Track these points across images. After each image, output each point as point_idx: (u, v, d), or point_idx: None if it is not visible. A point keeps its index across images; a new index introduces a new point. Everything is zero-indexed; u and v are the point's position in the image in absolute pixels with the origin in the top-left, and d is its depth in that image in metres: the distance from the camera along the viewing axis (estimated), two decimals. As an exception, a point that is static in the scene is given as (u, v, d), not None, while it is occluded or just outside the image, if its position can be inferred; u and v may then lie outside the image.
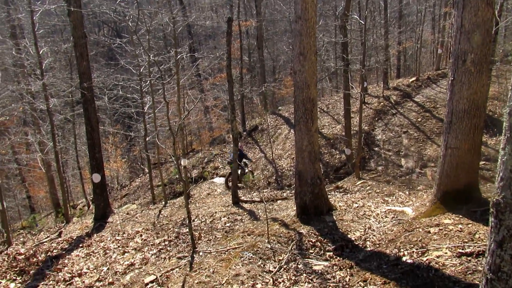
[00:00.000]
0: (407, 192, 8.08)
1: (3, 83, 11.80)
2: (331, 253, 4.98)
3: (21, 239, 9.15)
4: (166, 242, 6.41)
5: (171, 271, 5.07)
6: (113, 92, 15.27)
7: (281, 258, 4.88)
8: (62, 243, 7.56)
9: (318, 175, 6.36)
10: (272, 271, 4.55)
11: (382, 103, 15.71)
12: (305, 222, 6.05)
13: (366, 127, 13.86)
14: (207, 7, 40.64)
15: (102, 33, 35.92)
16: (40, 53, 11.31)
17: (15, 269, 6.14)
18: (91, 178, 9.89)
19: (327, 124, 15.91)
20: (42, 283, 5.55)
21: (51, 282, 5.55)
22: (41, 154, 13.49)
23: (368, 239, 5.21)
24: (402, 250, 4.36)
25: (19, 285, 5.65)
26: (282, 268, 4.60)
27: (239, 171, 11.24)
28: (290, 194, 9.83)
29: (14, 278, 5.96)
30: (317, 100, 6.31)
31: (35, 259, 6.50)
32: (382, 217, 5.98)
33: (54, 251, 7.06)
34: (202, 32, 33.31)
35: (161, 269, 5.23)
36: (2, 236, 8.67)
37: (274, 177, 13.20)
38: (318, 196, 6.37)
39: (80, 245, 7.18)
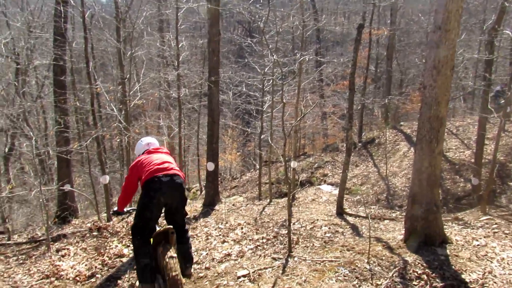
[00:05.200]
0: (545, 240, 6.84)
1: (146, 71, 13.34)
2: (439, 290, 4.44)
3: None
4: (264, 240, 6.47)
5: (264, 270, 5.08)
6: (237, 88, 16.17)
7: (379, 282, 4.53)
8: (172, 221, 8.17)
9: (435, 201, 5.74)
10: (367, 295, 4.23)
11: (526, 133, 13.65)
12: (412, 250, 5.52)
13: (502, 158, 12.18)
14: (339, 13, 40.23)
15: (236, 33, 38.16)
16: (180, 46, 12.44)
17: (130, 237, 6.82)
18: (206, 166, 10.54)
19: (454, 147, 14.42)
20: (150, 254, 6.05)
21: (157, 254, 6.01)
22: (167, 137, 14.91)
23: (487, 285, 4.52)
24: (530, 307, 3.67)
25: (131, 251, 6.25)
26: (379, 294, 4.26)
27: None
28: (400, 216, 9.13)
29: (128, 244, 6.63)
30: (446, 120, 5.70)
31: (147, 231, 7.12)
32: (508, 263, 5.14)
33: (164, 227, 7.66)
34: (330, 37, 33.05)
35: (255, 265, 5.28)
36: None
37: (384, 195, 12.43)
38: (432, 224, 5.75)
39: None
